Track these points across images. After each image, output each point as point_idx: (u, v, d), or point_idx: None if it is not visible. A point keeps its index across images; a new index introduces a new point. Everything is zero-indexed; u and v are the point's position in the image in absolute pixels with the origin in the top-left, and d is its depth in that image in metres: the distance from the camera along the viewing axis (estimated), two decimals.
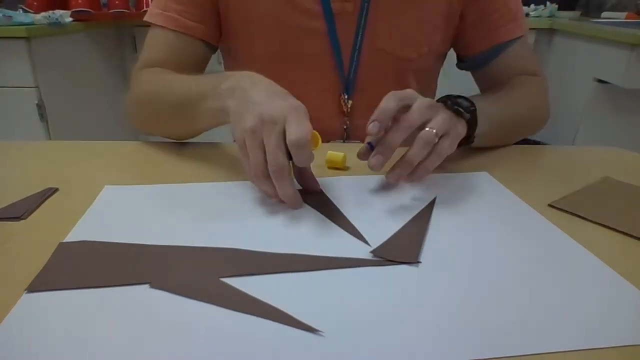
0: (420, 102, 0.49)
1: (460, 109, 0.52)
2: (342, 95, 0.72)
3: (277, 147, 0.43)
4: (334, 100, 0.72)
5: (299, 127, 0.42)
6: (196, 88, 0.55)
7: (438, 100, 0.53)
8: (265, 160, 0.44)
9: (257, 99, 0.46)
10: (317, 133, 0.46)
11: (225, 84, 0.51)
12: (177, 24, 0.66)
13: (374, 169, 0.48)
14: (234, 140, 0.48)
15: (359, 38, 0.68)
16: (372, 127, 0.47)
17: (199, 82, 0.56)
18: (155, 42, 0.68)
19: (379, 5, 0.67)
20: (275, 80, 0.67)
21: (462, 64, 0.77)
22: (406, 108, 0.49)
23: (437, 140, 0.48)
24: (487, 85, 0.75)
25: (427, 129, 0.48)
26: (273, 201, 0.48)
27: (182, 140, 0.65)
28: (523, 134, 0.71)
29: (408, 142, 0.49)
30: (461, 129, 0.52)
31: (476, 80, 0.78)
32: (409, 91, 0.50)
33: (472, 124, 0.54)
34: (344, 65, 0.70)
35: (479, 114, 0.55)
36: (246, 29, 0.69)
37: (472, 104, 0.54)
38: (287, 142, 0.43)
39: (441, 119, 0.49)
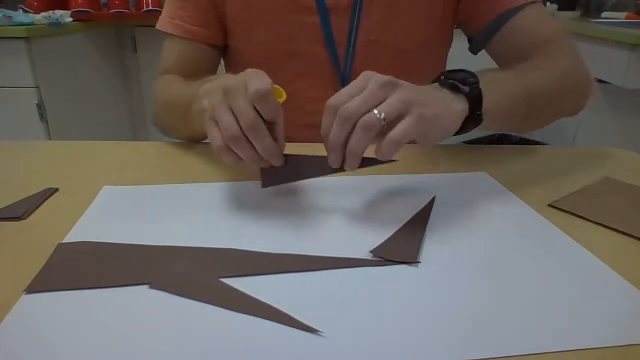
0: (372, 84, 0.42)
1: (456, 82, 0.47)
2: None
3: (245, 105, 0.41)
4: (331, 94, 0.72)
5: (258, 80, 0.41)
6: (186, 95, 0.57)
7: (434, 80, 0.49)
8: (237, 122, 0.41)
9: (220, 84, 0.44)
10: (280, 87, 0.45)
11: (204, 87, 0.51)
12: (183, 29, 0.69)
13: (333, 166, 0.44)
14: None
15: (354, 32, 0.68)
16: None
17: (190, 89, 0.57)
18: (168, 50, 0.72)
19: None
20: (272, 74, 0.66)
21: (472, 45, 0.74)
22: None
23: (383, 124, 0.40)
24: (505, 62, 0.69)
25: (372, 111, 0.40)
26: (247, 167, 0.44)
27: (200, 142, 0.67)
28: (559, 108, 0.63)
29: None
30: (461, 107, 0.46)
31: (494, 60, 0.74)
32: (358, 81, 0.43)
33: (475, 99, 0.47)
34: (340, 60, 0.70)
35: (485, 85, 0.48)
36: (242, 25, 0.70)
37: (474, 76, 0.48)
38: (249, 96, 0.40)
39: (396, 97, 0.41)
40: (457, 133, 0.48)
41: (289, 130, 0.71)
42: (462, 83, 0.47)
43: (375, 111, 0.40)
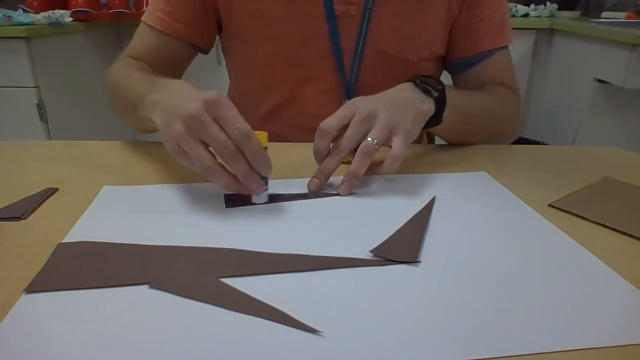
0: (356, 118, 0.50)
1: (428, 87, 0.56)
2: (344, 100, 0.72)
3: (219, 133, 0.42)
4: (335, 103, 0.72)
5: (236, 121, 0.42)
6: (138, 92, 0.56)
7: (408, 80, 0.58)
8: (209, 152, 0.44)
9: (172, 105, 0.46)
10: (261, 133, 0.46)
11: (152, 96, 0.50)
12: (163, 24, 0.69)
13: (310, 190, 0.51)
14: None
15: (361, 41, 0.68)
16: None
17: (143, 86, 0.56)
18: (141, 37, 0.72)
19: (381, 9, 0.67)
20: (278, 78, 0.67)
21: (444, 65, 0.79)
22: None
23: (378, 148, 0.49)
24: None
25: (367, 139, 0.49)
26: (232, 189, 0.46)
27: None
28: (484, 137, 0.70)
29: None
30: (428, 107, 0.55)
31: (453, 84, 0.79)
32: (344, 110, 0.51)
33: (440, 103, 0.57)
34: (345, 69, 0.70)
35: (447, 97, 0.57)
36: (249, 31, 0.70)
37: (441, 83, 0.58)
38: (235, 139, 0.42)
39: (380, 125, 0.49)
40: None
41: (289, 132, 0.71)
42: (433, 89, 0.56)
43: (369, 138, 0.49)
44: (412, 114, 0.53)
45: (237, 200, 0.48)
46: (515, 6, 2.10)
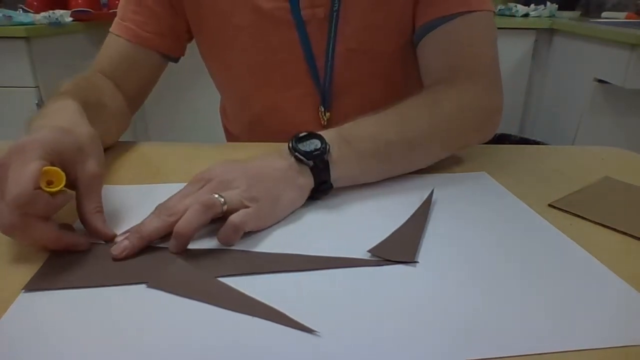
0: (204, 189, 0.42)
1: (300, 157, 0.46)
2: (320, 108, 0.71)
3: (3, 209, 0.35)
4: (312, 110, 0.71)
5: (13, 183, 0.35)
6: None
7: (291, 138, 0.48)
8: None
9: None
10: (54, 169, 0.37)
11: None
12: (132, 34, 0.68)
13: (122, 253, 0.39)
14: None
15: (331, 42, 0.67)
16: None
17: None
18: (109, 48, 0.69)
19: (348, 7, 0.65)
20: (254, 88, 0.65)
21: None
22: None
23: (224, 208, 0.40)
24: (425, 72, 0.67)
25: (213, 195, 0.41)
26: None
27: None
28: (452, 145, 0.59)
29: None
30: (303, 181, 0.46)
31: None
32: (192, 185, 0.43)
33: (321, 171, 0.47)
34: (319, 72, 0.69)
35: (338, 152, 0.48)
36: (220, 41, 0.69)
37: (322, 146, 0.47)
38: (8, 204, 0.35)
39: (237, 192, 0.41)
40: (310, 198, 0.48)
41: (273, 140, 0.67)
42: (307, 157, 0.46)
43: (216, 195, 0.40)
44: (278, 191, 0.44)
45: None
46: (516, 6, 2.10)
